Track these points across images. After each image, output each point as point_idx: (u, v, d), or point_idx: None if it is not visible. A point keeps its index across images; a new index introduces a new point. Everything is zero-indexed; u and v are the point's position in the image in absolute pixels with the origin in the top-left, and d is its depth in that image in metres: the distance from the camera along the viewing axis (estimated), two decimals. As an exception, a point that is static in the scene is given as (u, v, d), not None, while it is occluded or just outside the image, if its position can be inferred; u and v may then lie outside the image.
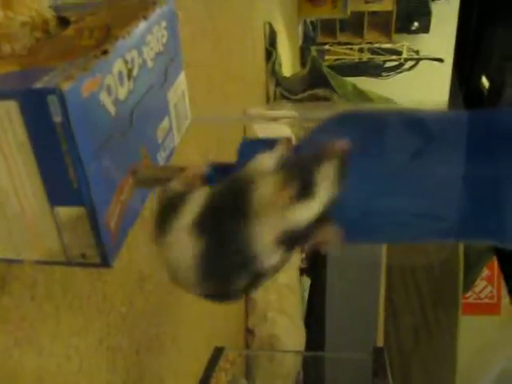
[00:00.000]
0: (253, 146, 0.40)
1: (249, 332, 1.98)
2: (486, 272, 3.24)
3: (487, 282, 3.38)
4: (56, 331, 0.64)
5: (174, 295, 1.10)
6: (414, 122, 0.43)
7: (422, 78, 4.93)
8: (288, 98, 2.55)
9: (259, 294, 1.99)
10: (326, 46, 5.18)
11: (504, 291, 3.32)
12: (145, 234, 0.93)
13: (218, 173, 0.41)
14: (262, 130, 1.91)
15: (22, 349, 0.57)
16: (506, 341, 3.17)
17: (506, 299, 3.36)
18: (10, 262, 0.45)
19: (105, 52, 0.41)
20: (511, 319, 3.33)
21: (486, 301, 3.42)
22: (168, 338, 1.06)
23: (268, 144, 0.40)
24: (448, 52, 4.08)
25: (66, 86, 0.35)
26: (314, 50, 4.76)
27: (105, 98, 0.40)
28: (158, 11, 0.52)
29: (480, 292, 3.42)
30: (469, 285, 2.56)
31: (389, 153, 0.41)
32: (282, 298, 2.02)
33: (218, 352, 1.44)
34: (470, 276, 2.35)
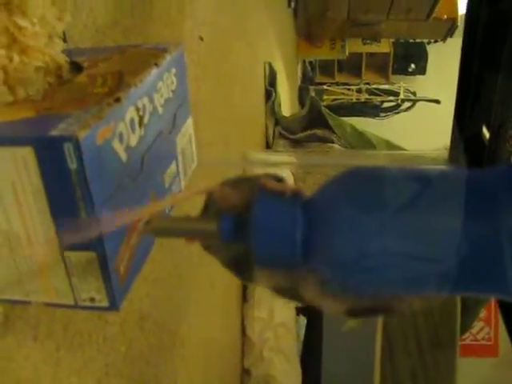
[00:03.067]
0: (270, 202, 0.41)
1: (245, 372, 1.96)
2: (483, 313, 3.22)
3: (484, 324, 3.36)
4: (56, 371, 0.64)
5: (173, 335, 1.10)
6: (413, 171, 0.44)
7: (419, 119, 5.00)
8: (287, 138, 2.58)
9: (256, 333, 1.97)
10: (325, 86, 5.25)
11: (501, 332, 3.30)
12: (144, 275, 0.93)
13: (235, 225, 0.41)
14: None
15: (24, 390, 0.57)
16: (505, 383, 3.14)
17: (503, 341, 3.33)
18: (17, 302, 0.45)
19: (118, 100, 0.42)
20: (509, 361, 3.30)
21: (483, 342, 3.40)
22: (166, 379, 1.05)
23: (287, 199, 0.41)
24: (444, 94, 4.15)
25: (82, 134, 0.37)
26: (312, 89, 4.83)
27: (117, 146, 0.41)
28: (169, 58, 0.53)
29: (477, 333, 3.39)
30: (467, 326, 2.54)
31: (386, 197, 0.42)
32: (278, 338, 2.01)
33: (214, 392, 1.43)
34: (468, 317, 2.34)
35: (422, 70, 5.61)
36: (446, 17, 4.19)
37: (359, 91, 5.35)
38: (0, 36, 0.48)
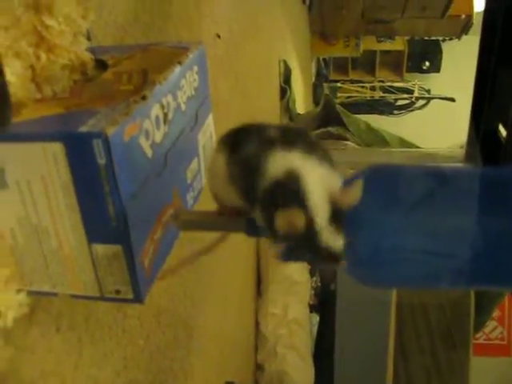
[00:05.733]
0: None
1: (258, 367, 1.97)
2: (496, 312, 3.21)
3: (497, 323, 3.35)
4: (78, 362, 0.65)
5: (189, 329, 1.11)
6: (429, 169, 0.45)
7: (434, 117, 4.97)
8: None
9: (269, 329, 1.98)
10: (339, 84, 5.25)
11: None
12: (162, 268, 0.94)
13: None
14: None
15: (47, 380, 0.58)
16: (517, 383, 3.12)
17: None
18: (44, 294, 0.46)
19: (144, 98, 0.44)
20: (522, 361, 3.28)
21: (497, 342, 3.38)
22: (182, 372, 1.07)
23: None
24: (459, 92, 4.13)
25: (110, 131, 0.38)
26: (326, 87, 4.82)
27: (143, 142, 0.43)
28: (191, 56, 0.54)
29: (490, 333, 3.38)
30: (480, 325, 2.54)
31: (402, 193, 0.43)
32: (291, 334, 2.02)
33: (228, 387, 1.44)
34: (481, 316, 2.33)
35: (436, 67, 5.57)
36: (461, 10, 4.17)
37: (373, 89, 5.34)
38: (28, 35, 0.49)
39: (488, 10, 0.97)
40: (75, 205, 0.40)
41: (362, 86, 5.35)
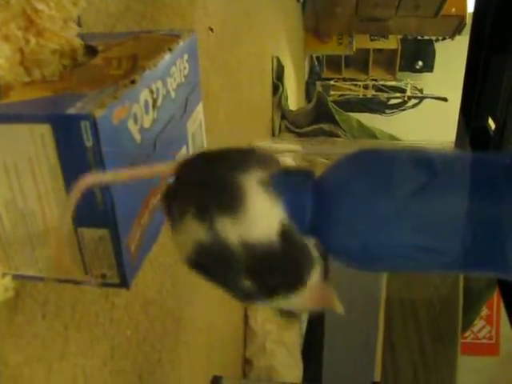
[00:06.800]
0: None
1: (247, 362, 1.98)
2: (485, 311, 3.22)
3: (486, 322, 3.36)
4: (64, 350, 0.65)
5: (176, 321, 1.11)
6: (419, 158, 0.45)
7: (426, 117, 4.99)
8: (293, 132, 2.58)
9: (258, 324, 1.98)
10: (331, 82, 5.25)
11: (503, 331, 3.30)
12: (150, 259, 0.94)
13: None
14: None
15: (32, 366, 0.58)
16: (505, 383, 3.13)
17: (504, 340, 3.33)
18: (30, 278, 0.46)
19: (133, 82, 0.43)
20: (510, 360, 3.30)
21: (485, 341, 3.40)
22: (169, 364, 1.07)
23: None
24: (452, 91, 4.14)
25: (98, 113, 0.37)
26: (319, 85, 4.83)
27: (132, 126, 0.42)
28: (182, 44, 0.54)
29: (478, 332, 3.39)
30: (468, 324, 2.55)
31: (392, 187, 0.43)
32: (280, 329, 2.02)
33: (215, 382, 1.44)
34: (469, 315, 2.35)
35: (429, 67, 5.58)
36: (454, 10, 4.18)
37: (366, 87, 5.34)
38: (17, 18, 0.49)
39: (478, 6, 0.97)
40: (62, 187, 0.40)
41: (355, 85, 5.35)
